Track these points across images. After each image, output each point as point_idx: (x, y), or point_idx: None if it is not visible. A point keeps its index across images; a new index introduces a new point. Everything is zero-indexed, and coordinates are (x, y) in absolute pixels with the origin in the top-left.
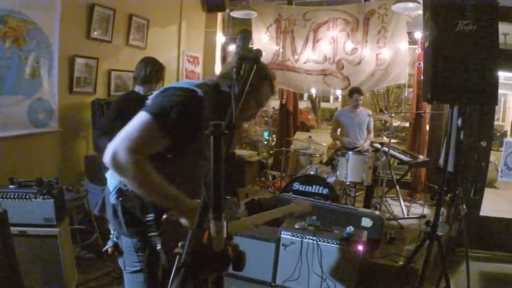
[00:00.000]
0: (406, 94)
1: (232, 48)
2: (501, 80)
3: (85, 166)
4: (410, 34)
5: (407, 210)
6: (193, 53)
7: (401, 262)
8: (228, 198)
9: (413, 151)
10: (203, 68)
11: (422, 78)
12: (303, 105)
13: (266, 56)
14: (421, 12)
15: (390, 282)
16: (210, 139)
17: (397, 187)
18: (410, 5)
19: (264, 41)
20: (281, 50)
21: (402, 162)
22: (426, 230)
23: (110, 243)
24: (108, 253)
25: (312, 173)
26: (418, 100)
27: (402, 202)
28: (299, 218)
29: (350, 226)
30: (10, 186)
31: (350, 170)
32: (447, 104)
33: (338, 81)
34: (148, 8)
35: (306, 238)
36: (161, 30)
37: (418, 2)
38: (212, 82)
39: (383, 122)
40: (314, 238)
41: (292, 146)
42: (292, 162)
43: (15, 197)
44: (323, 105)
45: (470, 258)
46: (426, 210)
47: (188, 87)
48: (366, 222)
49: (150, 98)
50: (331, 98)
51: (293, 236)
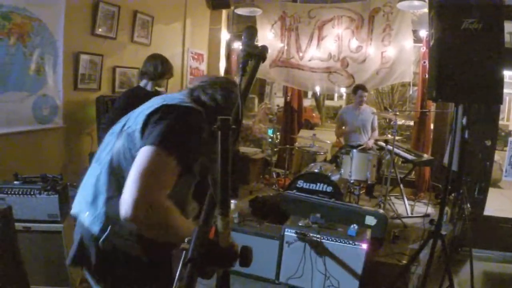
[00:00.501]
0: (411, 92)
1: (236, 45)
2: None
3: (89, 163)
4: (415, 32)
5: (411, 209)
6: (197, 50)
7: (404, 261)
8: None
9: (417, 150)
10: (208, 65)
11: (427, 76)
12: (308, 102)
13: (271, 53)
14: (426, 10)
15: (393, 280)
16: (217, 135)
17: (401, 186)
18: (415, 3)
19: (268, 38)
20: (285, 48)
21: (406, 160)
22: (430, 229)
23: None
24: None
25: (316, 171)
26: (423, 98)
27: (406, 201)
28: (303, 216)
29: (354, 225)
30: (15, 182)
31: (354, 168)
32: (452, 102)
33: (343, 78)
34: (152, 5)
35: (310, 236)
36: (165, 27)
37: (423, 0)
38: (194, 97)
39: (388, 120)
40: (318, 236)
41: (296, 143)
42: (296, 160)
43: (20, 193)
44: (328, 103)
45: (473, 257)
46: (430, 209)
47: (187, 106)
48: (370, 221)
49: (148, 124)
50: (336, 96)
51: (297, 233)
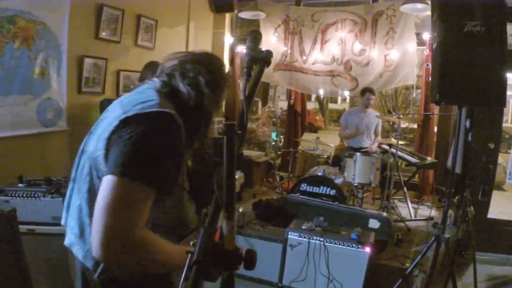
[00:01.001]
0: (414, 95)
1: (240, 49)
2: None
3: None
4: (418, 35)
5: (415, 212)
6: None
7: (408, 264)
8: None
9: (421, 153)
10: None
11: (430, 79)
12: (311, 106)
13: (274, 57)
14: (429, 13)
15: (397, 284)
16: (223, 140)
17: (404, 189)
18: (418, 6)
19: (272, 41)
20: (289, 51)
21: (410, 163)
22: (434, 232)
23: None
24: None
25: (319, 174)
26: (426, 101)
27: (410, 204)
28: (307, 219)
29: (358, 228)
30: (19, 185)
31: (357, 172)
32: (455, 105)
33: (346, 82)
34: (156, 8)
35: (313, 239)
36: (169, 30)
37: (426, 3)
38: (169, 88)
39: (391, 123)
40: (321, 239)
41: (299, 147)
42: (299, 163)
43: (24, 195)
44: (331, 106)
45: (477, 260)
46: (434, 212)
47: (152, 113)
48: (374, 224)
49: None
50: (339, 99)
51: (300, 237)
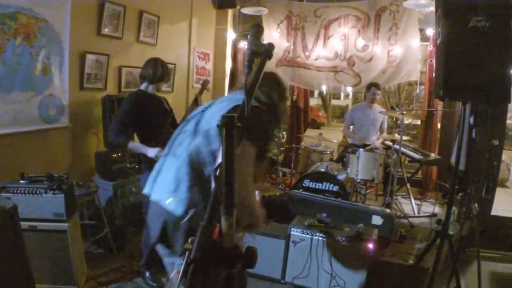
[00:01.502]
0: (418, 91)
1: (242, 44)
2: None
3: (95, 162)
4: (422, 31)
5: (418, 209)
6: (203, 49)
7: (411, 261)
8: None
9: (424, 149)
10: (214, 64)
11: (434, 75)
12: (314, 102)
13: (277, 52)
14: (432, 8)
15: (400, 281)
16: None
17: (407, 185)
18: (422, 1)
19: (275, 37)
20: (291, 47)
21: (413, 160)
22: (437, 229)
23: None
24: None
25: (322, 170)
26: (430, 97)
27: (413, 200)
28: (309, 215)
29: (361, 224)
30: (21, 181)
31: (361, 168)
32: (459, 101)
33: (349, 78)
34: (158, 4)
35: (316, 236)
36: (171, 26)
37: None
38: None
39: (394, 119)
40: (324, 236)
41: (302, 143)
42: (302, 159)
43: (26, 192)
44: (334, 102)
45: (480, 258)
46: (437, 209)
47: (255, 106)
48: (377, 220)
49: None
50: (342, 95)
51: (303, 233)
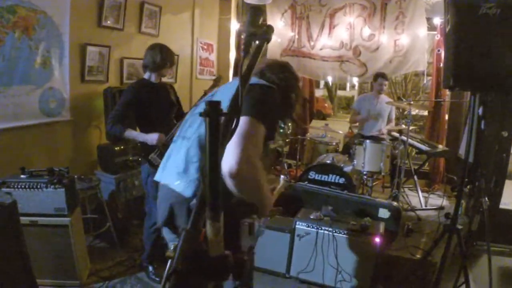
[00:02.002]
0: (425, 81)
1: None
2: None
3: (98, 155)
4: (428, 20)
5: (425, 201)
6: (207, 40)
7: (418, 255)
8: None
9: (431, 140)
10: (217, 55)
11: (441, 65)
12: (320, 93)
13: (282, 42)
14: None
15: (407, 275)
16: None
17: (415, 177)
18: None
19: (279, 27)
20: (296, 37)
21: (420, 151)
22: (445, 223)
23: None
24: None
25: (328, 161)
26: (438, 88)
27: (420, 193)
28: (315, 208)
29: (367, 218)
30: (22, 176)
31: (367, 159)
32: (468, 91)
33: (355, 67)
34: None
35: (321, 229)
36: (173, 17)
37: None
38: (266, 78)
39: (401, 110)
40: (330, 229)
41: (308, 134)
42: (308, 151)
43: (26, 186)
44: (340, 93)
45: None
46: (445, 201)
47: (265, 84)
48: (384, 213)
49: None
50: (348, 86)
51: (308, 226)
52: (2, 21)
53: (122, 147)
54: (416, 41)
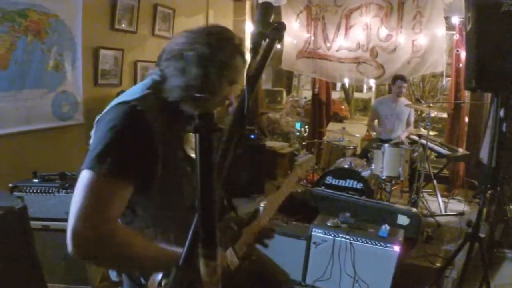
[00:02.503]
0: (444, 83)
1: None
2: None
3: None
4: (446, 19)
5: (445, 206)
6: None
7: (438, 263)
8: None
9: (451, 144)
10: None
11: (460, 65)
12: (336, 95)
13: (297, 44)
14: None
15: (426, 285)
16: (195, 139)
17: (434, 182)
18: None
19: (294, 28)
20: (312, 38)
21: (440, 155)
22: (467, 231)
23: None
24: None
25: (346, 166)
26: (457, 89)
27: (440, 198)
28: (332, 214)
29: (386, 225)
30: (34, 180)
31: (386, 164)
32: (491, 93)
33: (372, 69)
34: None
35: (338, 237)
36: (187, 19)
37: None
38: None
39: (419, 112)
40: (347, 237)
41: (325, 137)
42: (325, 154)
43: (38, 191)
44: (357, 95)
45: (507, 259)
46: (465, 207)
47: (120, 105)
48: (403, 220)
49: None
50: (365, 88)
51: (325, 234)
52: (14, 25)
53: None
54: (434, 41)
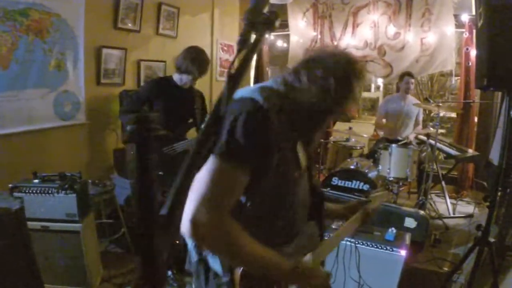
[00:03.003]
0: (453, 81)
1: (267, 35)
2: None
3: (114, 159)
4: (456, 16)
5: (453, 208)
6: (227, 41)
7: (446, 268)
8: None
9: (460, 144)
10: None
11: (470, 64)
12: None
13: (304, 42)
14: None
15: None
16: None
17: (442, 183)
18: None
19: (301, 27)
20: (319, 36)
21: (449, 156)
22: (476, 235)
23: None
24: None
25: (352, 167)
26: (466, 88)
27: (448, 200)
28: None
29: (392, 228)
30: (34, 181)
31: (393, 165)
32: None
33: (380, 68)
34: None
35: (343, 240)
36: (192, 18)
37: None
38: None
39: (427, 112)
40: (352, 240)
41: (331, 137)
42: (331, 155)
43: (38, 191)
44: (364, 94)
45: None
46: (474, 209)
47: (248, 98)
48: (410, 223)
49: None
50: (372, 87)
51: (329, 237)
52: (15, 24)
53: None
54: (443, 39)
